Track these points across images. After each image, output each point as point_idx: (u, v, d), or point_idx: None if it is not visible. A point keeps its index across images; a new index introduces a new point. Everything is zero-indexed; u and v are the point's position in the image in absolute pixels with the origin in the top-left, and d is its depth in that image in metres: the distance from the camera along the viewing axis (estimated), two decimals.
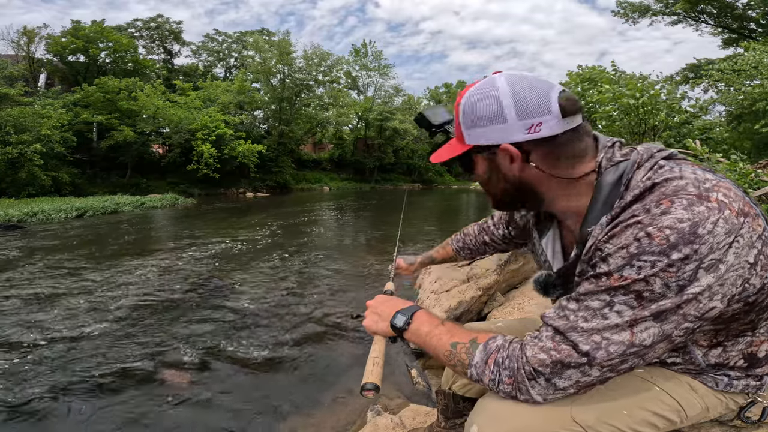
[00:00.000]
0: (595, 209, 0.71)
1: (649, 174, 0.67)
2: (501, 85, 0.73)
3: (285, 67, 29.62)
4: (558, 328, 0.68)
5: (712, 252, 0.59)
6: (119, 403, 2.39)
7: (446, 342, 0.79)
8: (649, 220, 0.61)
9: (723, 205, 0.60)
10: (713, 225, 0.59)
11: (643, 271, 0.60)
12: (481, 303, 3.20)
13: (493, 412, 0.75)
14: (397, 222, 11.50)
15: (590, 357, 0.65)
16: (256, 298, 4.37)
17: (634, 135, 9.61)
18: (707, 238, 0.59)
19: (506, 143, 0.72)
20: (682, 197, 0.61)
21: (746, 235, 0.61)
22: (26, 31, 23.86)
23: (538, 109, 0.70)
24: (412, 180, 39.44)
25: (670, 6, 19.72)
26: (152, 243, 8.06)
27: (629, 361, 0.65)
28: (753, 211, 0.64)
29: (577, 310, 0.67)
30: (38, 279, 5.04)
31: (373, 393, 0.80)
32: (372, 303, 0.96)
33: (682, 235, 0.59)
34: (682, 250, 0.59)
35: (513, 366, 0.70)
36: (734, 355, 0.76)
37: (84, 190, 19.22)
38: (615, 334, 0.64)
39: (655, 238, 0.60)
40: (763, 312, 0.71)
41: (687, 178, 0.64)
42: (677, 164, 0.69)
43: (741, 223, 0.61)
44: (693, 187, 0.62)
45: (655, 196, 0.63)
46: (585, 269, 0.70)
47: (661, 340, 0.64)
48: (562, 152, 0.73)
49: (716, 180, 0.64)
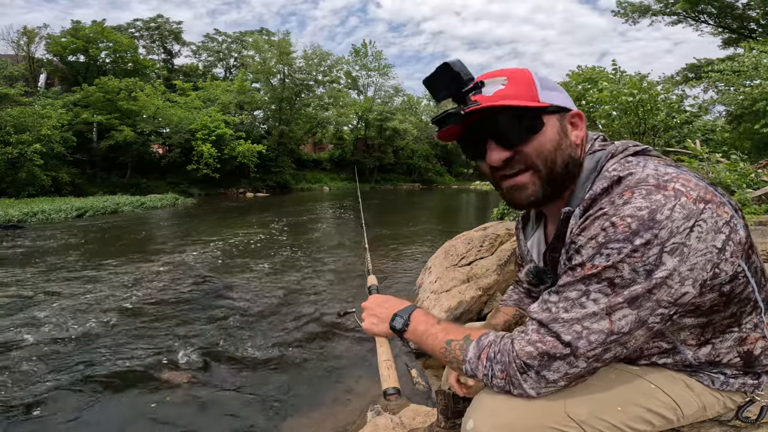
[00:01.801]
0: (577, 192, 0.78)
1: (617, 166, 0.73)
2: None
3: (285, 67, 29.61)
4: (542, 321, 0.70)
5: (673, 236, 0.63)
6: (119, 403, 2.39)
7: (441, 339, 0.81)
8: (613, 211, 0.65)
9: (679, 193, 0.64)
10: (670, 211, 0.63)
11: (611, 258, 0.64)
12: (481, 303, 3.20)
13: (489, 407, 0.76)
14: (398, 222, 11.51)
15: (573, 347, 0.67)
16: (256, 298, 4.37)
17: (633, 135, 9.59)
18: (665, 223, 0.62)
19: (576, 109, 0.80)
20: (641, 188, 0.66)
21: (709, 220, 0.64)
22: (26, 31, 23.87)
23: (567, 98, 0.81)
24: (412, 180, 39.40)
25: (670, 6, 19.71)
26: (152, 243, 8.06)
27: (612, 349, 0.68)
28: (717, 199, 0.66)
29: (557, 301, 0.70)
30: (38, 279, 5.04)
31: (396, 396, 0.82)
32: (368, 305, 0.96)
33: (642, 221, 0.63)
34: (643, 235, 0.63)
35: (504, 360, 0.72)
36: (725, 352, 0.77)
37: (84, 190, 19.21)
38: (594, 323, 0.67)
39: (619, 226, 0.64)
40: (744, 305, 0.73)
41: (648, 172, 0.68)
42: (644, 159, 0.73)
43: (701, 209, 0.64)
44: (653, 178, 0.67)
45: (620, 189, 0.68)
46: (564, 262, 0.75)
47: (638, 326, 0.67)
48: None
49: (677, 173, 0.68)
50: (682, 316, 0.73)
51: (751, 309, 0.75)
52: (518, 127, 0.75)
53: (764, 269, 0.76)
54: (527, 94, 0.75)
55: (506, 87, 0.76)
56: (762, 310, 0.76)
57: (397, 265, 5.95)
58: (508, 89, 0.75)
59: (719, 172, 5.08)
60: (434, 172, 42.23)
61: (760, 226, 3.24)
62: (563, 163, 0.77)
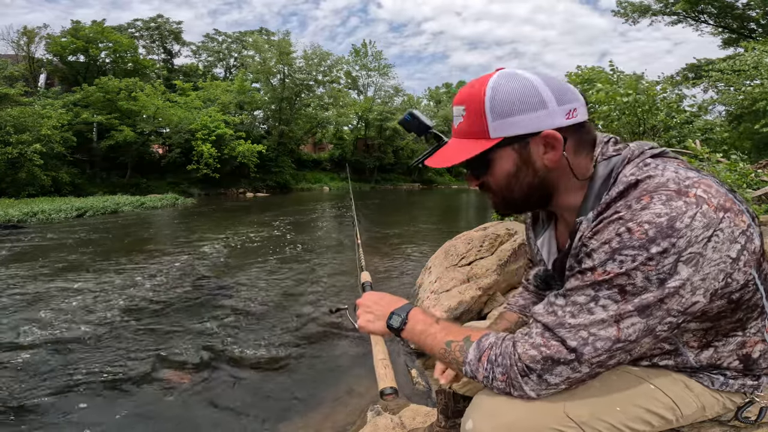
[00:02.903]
0: (589, 201, 0.74)
1: (635, 170, 0.69)
2: (529, 75, 0.72)
3: (285, 67, 29.63)
4: (547, 324, 0.69)
5: (691, 245, 0.60)
6: (119, 403, 2.39)
7: (441, 340, 0.80)
8: (630, 216, 0.63)
9: (701, 200, 0.61)
10: (690, 219, 0.60)
11: (625, 265, 0.62)
12: (481, 303, 3.20)
13: (488, 408, 0.76)
14: (397, 222, 11.52)
15: (578, 353, 0.66)
16: (256, 298, 4.37)
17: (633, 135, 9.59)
18: (685, 232, 0.60)
19: (549, 129, 0.70)
20: (661, 193, 0.63)
21: (726, 229, 0.62)
22: (26, 31, 23.87)
23: (570, 96, 0.72)
24: (412, 180, 39.42)
25: (670, 6, 19.71)
26: (152, 243, 8.06)
27: (617, 356, 0.67)
28: (736, 207, 0.64)
29: (564, 305, 0.68)
30: (38, 279, 5.04)
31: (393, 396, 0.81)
32: (363, 302, 0.94)
33: (660, 229, 0.60)
34: (660, 243, 0.60)
35: (506, 363, 0.71)
36: (726, 355, 0.77)
37: (84, 190, 19.22)
38: (602, 330, 0.65)
39: (635, 232, 0.61)
40: (752, 311, 0.72)
41: (668, 176, 0.65)
42: (663, 162, 0.70)
43: (720, 218, 0.61)
44: (673, 183, 0.64)
45: (637, 193, 0.65)
46: (572, 265, 0.72)
47: (646, 335, 0.65)
48: (585, 140, 0.75)
49: (698, 177, 0.65)
50: (688, 322, 0.72)
51: (758, 315, 0.74)
52: (473, 164, 0.78)
53: None
54: (477, 129, 0.73)
55: (463, 120, 0.75)
56: (767, 315, 0.75)
57: (397, 265, 5.96)
58: (463, 123, 0.75)
59: (719, 172, 5.08)
60: (434, 172, 42.15)
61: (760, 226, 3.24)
62: (522, 191, 0.77)
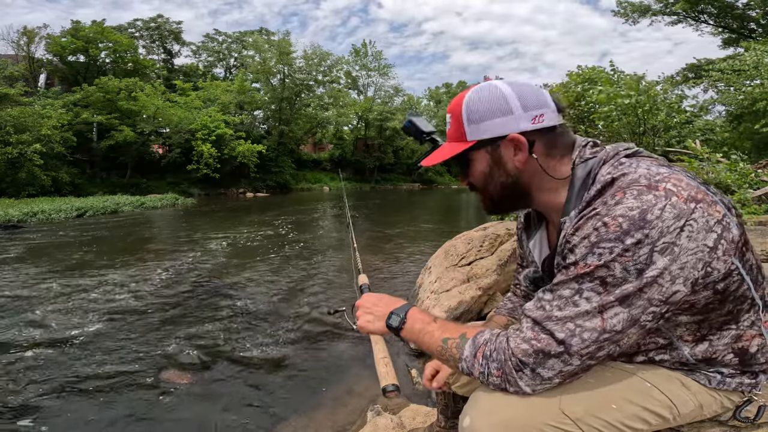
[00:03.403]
0: (571, 202, 0.78)
1: (611, 169, 0.74)
2: (501, 85, 0.81)
3: (285, 67, 29.65)
4: (536, 319, 0.72)
5: (663, 236, 0.64)
6: (119, 403, 2.39)
7: (438, 338, 0.82)
8: (606, 211, 0.67)
9: (670, 193, 0.66)
10: (660, 211, 0.64)
11: (603, 257, 0.66)
12: (481, 303, 3.20)
13: (485, 404, 0.77)
14: (398, 221, 11.52)
15: (566, 344, 0.69)
16: (255, 298, 4.38)
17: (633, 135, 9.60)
18: (656, 223, 0.64)
19: (514, 133, 0.78)
20: (633, 188, 0.67)
21: (700, 219, 0.65)
22: (26, 31, 23.90)
23: (538, 103, 0.79)
24: (412, 180, 39.44)
25: (670, 6, 19.72)
26: (152, 243, 8.06)
27: (605, 347, 0.69)
28: (708, 198, 0.67)
29: (551, 299, 0.72)
30: (38, 279, 5.04)
31: (395, 393, 0.82)
32: (363, 303, 0.97)
33: (633, 221, 0.64)
34: (634, 235, 0.64)
35: (500, 358, 0.73)
36: (722, 349, 0.78)
37: (84, 190, 19.24)
38: (587, 321, 0.68)
39: (611, 226, 0.66)
40: (741, 303, 0.74)
41: (641, 172, 0.70)
42: (637, 161, 0.75)
43: (692, 208, 0.65)
44: (644, 179, 0.68)
45: (613, 190, 0.70)
46: (558, 262, 0.76)
47: (630, 325, 0.68)
48: (557, 143, 0.81)
49: (668, 173, 0.69)
50: (677, 314, 0.73)
51: (749, 307, 0.75)
52: (459, 164, 0.87)
53: (761, 267, 0.76)
54: (458, 134, 0.83)
55: (450, 126, 0.85)
56: (760, 307, 0.76)
57: (397, 265, 5.96)
58: (450, 129, 0.85)
59: (719, 172, 5.09)
60: (434, 172, 42.13)
61: (760, 226, 3.24)
62: (498, 189, 0.85)
